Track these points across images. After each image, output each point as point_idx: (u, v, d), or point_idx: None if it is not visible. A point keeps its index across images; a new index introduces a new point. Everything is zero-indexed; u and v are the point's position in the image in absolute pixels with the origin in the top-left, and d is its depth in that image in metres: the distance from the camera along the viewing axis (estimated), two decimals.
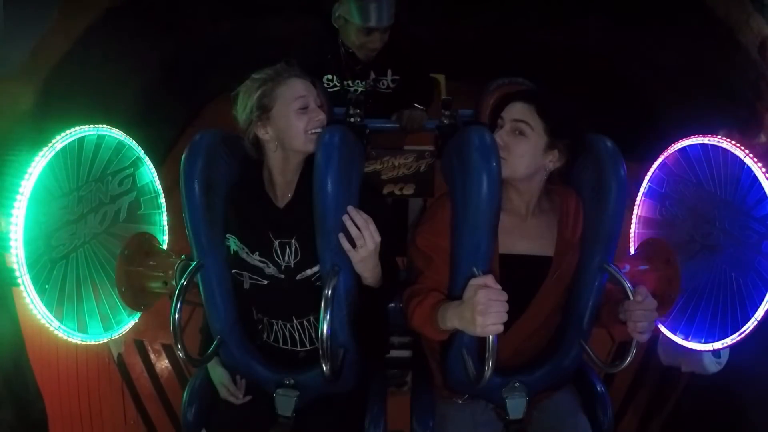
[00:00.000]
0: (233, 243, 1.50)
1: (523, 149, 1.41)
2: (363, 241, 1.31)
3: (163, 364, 2.63)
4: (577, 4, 2.97)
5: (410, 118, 2.29)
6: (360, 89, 2.48)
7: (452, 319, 1.29)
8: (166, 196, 1.75)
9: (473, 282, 1.24)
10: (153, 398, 2.52)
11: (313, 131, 1.41)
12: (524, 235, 1.49)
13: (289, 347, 1.56)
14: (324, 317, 1.26)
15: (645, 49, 2.59)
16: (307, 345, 1.55)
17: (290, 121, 1.40)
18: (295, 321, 1.52)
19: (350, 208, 1.34)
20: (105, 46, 2.35)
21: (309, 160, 1.42)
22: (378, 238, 1.33)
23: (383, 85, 2.49)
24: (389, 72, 2.46)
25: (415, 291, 1.45)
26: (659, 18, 2.45)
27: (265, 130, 1.43)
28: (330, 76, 2.45)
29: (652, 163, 1.66)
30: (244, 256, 1.49)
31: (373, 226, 1.33)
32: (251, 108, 1.41)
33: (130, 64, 2.72)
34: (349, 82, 2.47)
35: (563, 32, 3.08)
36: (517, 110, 1.44)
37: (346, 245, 1.33)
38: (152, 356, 2.60)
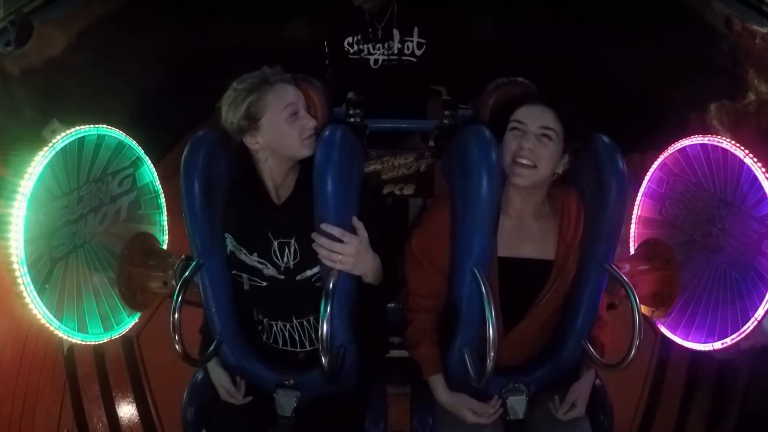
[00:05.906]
0: (229, 243, 1.50)
1: (549, 155, 1.39)
2: (338, 257, 1.31)
3: (117, 364, 2.28)
4: (553, 6, 3.07)
5: None
6: (381, 58, 2.33)
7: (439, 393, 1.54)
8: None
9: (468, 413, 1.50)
10: (97, 402, 2.19)
11: (308, 137, 1.40)
12: (526, 239, 1.48)
13: (289, 348, 1.56)
14: (324, 315, 1.25)
15: (621, 42, 2.76)
16: (307, 346, 1.55)
17: (282, 130, 1.37)
18: (294, 321, 1.52)
19: (314, 235, 1.33)
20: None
21: (307, 159, 1.42)
22: (356, 241, 1.32)
23: (408, 49, 2.31)
24: (415, 31, 2.28)
25: (411, 317, 1.56)
26: (630, 12, 2.64)
27: (255, 139, 1.39)
28: (350, 40, 2.32)
29: (652, 163, 1.66)
30: (242, 256, 1.49)
31: (348, 236, 1.32)
32: (239, 119, 1.36)
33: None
34: (370, 47, 2.31)
35: (541, 34, 3.17)
36: (540, 115, 1.39)
37: (328, 263, 1.33)
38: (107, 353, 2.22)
